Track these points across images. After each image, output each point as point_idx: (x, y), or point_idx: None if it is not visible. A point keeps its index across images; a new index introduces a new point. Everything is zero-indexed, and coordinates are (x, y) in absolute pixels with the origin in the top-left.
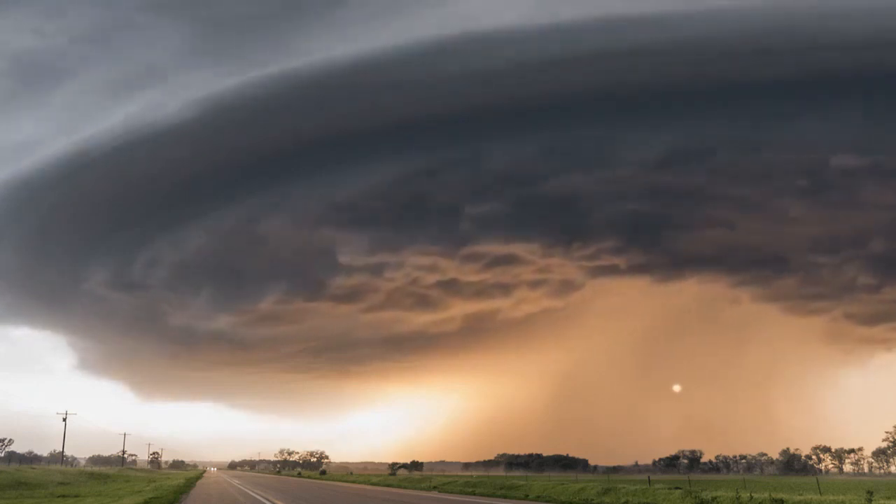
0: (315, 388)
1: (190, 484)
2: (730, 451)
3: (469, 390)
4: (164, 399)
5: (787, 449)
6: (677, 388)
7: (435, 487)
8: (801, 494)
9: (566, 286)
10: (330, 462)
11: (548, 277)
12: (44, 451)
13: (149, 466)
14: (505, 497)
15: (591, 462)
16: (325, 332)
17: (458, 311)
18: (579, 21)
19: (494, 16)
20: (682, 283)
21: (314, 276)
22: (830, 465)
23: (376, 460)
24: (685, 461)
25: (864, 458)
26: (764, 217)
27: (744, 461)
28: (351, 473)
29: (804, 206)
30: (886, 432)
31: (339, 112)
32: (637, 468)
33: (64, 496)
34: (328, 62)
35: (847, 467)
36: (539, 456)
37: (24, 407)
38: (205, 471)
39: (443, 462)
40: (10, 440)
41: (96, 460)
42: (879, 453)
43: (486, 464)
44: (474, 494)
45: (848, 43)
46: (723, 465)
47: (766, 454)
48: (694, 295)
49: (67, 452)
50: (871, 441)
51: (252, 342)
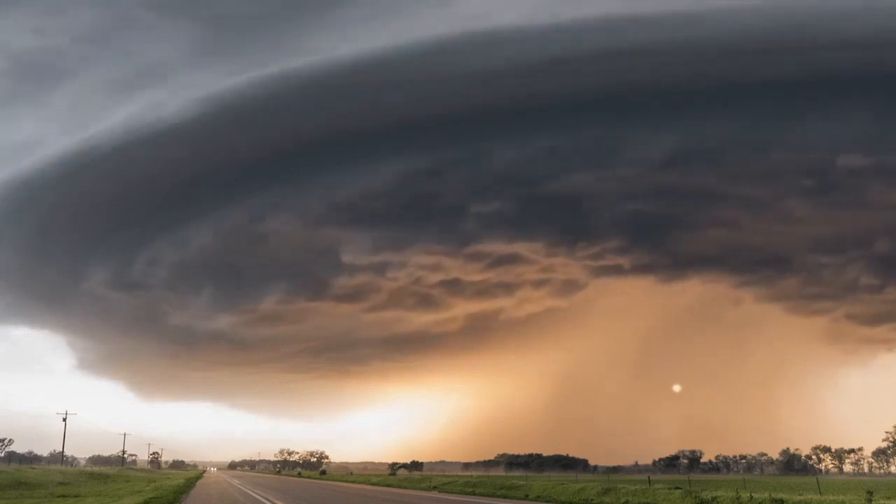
0: (315, 388)
1: (190, 484)
2: (730, 451)
3: (469, 390)
4: (164, 399)
5: (788, 449)
6: (677, 388)
7: (435, 487)
8: (801, 494)
9: (569, 286)
10: (330, 462)
11: (551, 277)
12: (44, 451)
13: (149, 466)
14: (505, 497)
15: (591, 462)
16: (327, 331)
17: (461, 310)
18: (584, 20)
19: (498, 15)
20: (686, 283)
21: (317, 276)
22: (830, 465)
23: (376, 460)
24: (685, 461)
25: (864, 459)
26: (769, 217)
27: (744, 461)
28: (351, 473)
29: (810, 206)
30: (886, 432)
31: (342, 111)
32: (637, 468)
33: (64, 496)
34: (330, 61)
35: (847, 467)
36: (539, 456)
37: (24, 407)
38: (205, 471)
39: (443, 462)
40: (10, 440)
41: (96, 460)
42: (879, 453)
43: (486, 464)
44: (474, 494)
45: (855, 43)
46: (723, 465)
47: (766, 454)
48: (697, 295)
49: (67, 452)
50: (872, 441)
51: (252, 342)
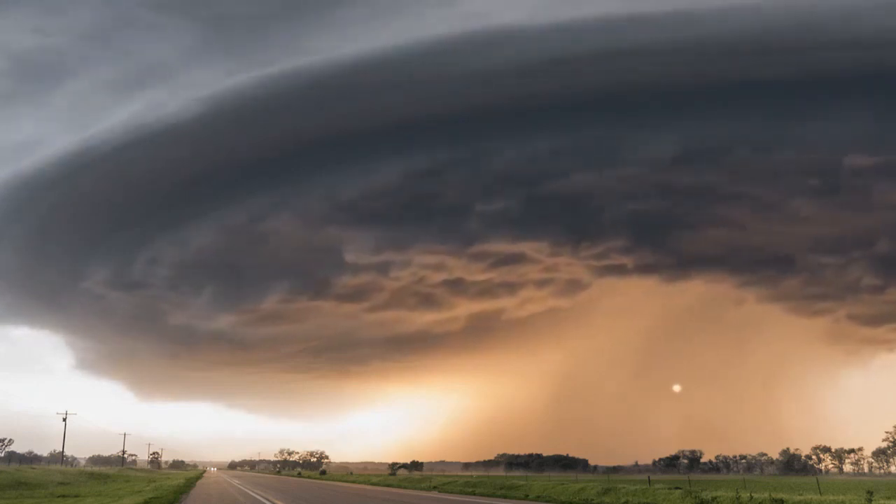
0: (315, 388)
1: (190, 484)
2: (730, 451)
3: (469, 390)
4: (164, 399)
5: (788, 449)
6: (677, 388)
7: (435, 487)
8: (801, 494)
9: (573, 286)
10: (330, 462)
11: (554, 277)
12: (44, 451)
13: (149, 466)
14: (505, 497)
15: (591, 462)
16: (328, 331)
17: (463, 310)
18: (586, 20)
19: (502, 14)
20: (689, 283)
21: (319, 275)
22: (830, 465)
23: (376, 460)
24: (685, 461)
25: (864, 458)
26: (774, 217)
27: (744, 461)
28: (351, 473)
29: (815, 206)
30: (886, 432)
31: (344, 111)
32: (637, 468)
33: (64, 496)
34: (332, 61)
35: (847, 467)
36: (539, 456)
37: (24, 407)
38: (205, 471)
39: (443, 462)
40: (10, 440)
41: (96, 460)
42: (879, 453)
43: (486, 464)
44: (474, 494)
45: (862, 42)
46: (723, 465)
47: (766, 454)
48: (699, 295)
49: (67, 452)
50: (872, 441)
51: (253, 342)
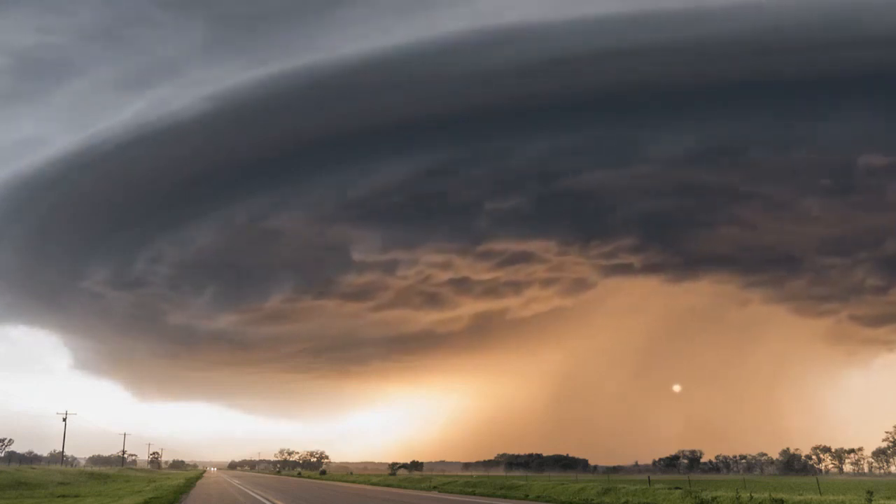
0: (315, 388)
1: (190, 484)
2: (730, 451)
3: (470, 390)
4: (164, 399)
5: (787, 449)
6: (677, 388)
7: (435, 487)
8: (801, 494)
9: (578, 285)
10: (330, 462)
11: (561, 276)
12: (44, 451)
13: (149, 466)
14: (505, 497)
15: (591, 462)
16: (330, 331)
17: (467, 309)
18: (604, 17)
19: (518, 10)
20: (696, 283)
21: (325, 274)
22: (830, 465)
23: (376, 460)
24: (685, 461)
25: (864, 458)
26: (786, 217)
27: (744, 461)
28: (351, 473)
29: (827, 206)
30: (886, 432)
31: (353, 109)
32: (637, 468)
33: (64, 496)
34: (339, 59)
35: (847, 467)
36: (539, 456)
37: (24, 407)
38: (205, 471)
39: (443, 462)
40: (10, 440)
41: (96, 460)
42: (879, 453)
43: (486, 464)
44: (474, 494)
45: (881, 41)
46: (723, 465)
47: (766, 454)
48: (704, 295)
49: (67, 452)
50: (872, 441)
51: (253, 342)
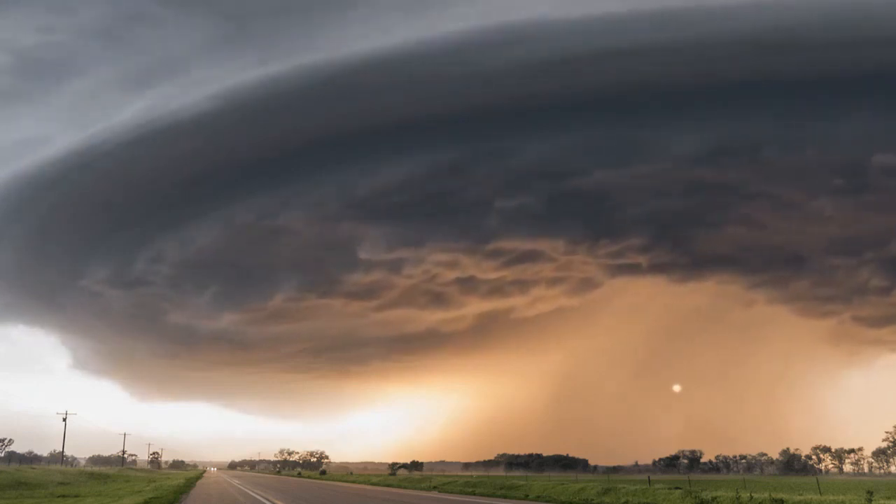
0: (315, 388)
1: (190, 484)
2: (730, 451)
3: (470, 390)
4: (164, 399)
5: (788, 449)
6: (677, 389)
7: (435, 487)
8: (801, 494)
9: (585, 284)
10: (330, 462)
11: (567, 275)
12: (44, 451)
13: (149, 466)
14: (505, 497)
15: (591, 462)
16: (332, 330)
17: (472, 309)
18: (615, 15)
19: (528, 8)
20: (702, 283)
21: (330, 273)
22: (830, 465)
23: (376, 460)
24: (685, 461)
25: (864, 458)
26: (797, 216)
27: (744, 461)
28: (351, 473)
29: (838, 206)
30: (886, 432)
31: (361, 107)
32: (637, 468)
33: (64, 496)
34: (345, 57)
35: (847, 467)
36: (539, 456)
37: (24, 407)
38: (205, 471)
39: (443, 462)
40: (10, 440)
41: (96, 460)
42: (879, 453)
43: (486, 464)
44: (474, 494)
45: (894, 39)
46: (723, 465)
47: (766, 454)
48: (709, 296)
49: (67, 452)
50: (872, 441)
51: (253, 342)
